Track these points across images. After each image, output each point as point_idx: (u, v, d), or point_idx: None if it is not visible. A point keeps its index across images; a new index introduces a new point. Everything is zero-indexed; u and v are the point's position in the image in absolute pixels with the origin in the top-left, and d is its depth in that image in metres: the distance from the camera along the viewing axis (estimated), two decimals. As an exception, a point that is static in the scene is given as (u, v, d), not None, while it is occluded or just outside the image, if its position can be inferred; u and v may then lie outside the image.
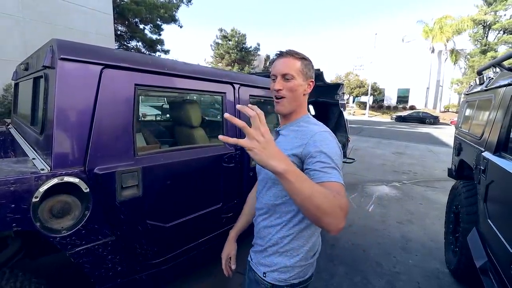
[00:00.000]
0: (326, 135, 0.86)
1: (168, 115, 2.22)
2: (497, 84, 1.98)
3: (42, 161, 1.19)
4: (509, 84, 1.74)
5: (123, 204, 1.28)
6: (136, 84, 1.34)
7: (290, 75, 0.90)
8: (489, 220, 1.67)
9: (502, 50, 26.16)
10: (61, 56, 1.14)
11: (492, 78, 2.23)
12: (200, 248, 1.73)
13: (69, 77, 1.15)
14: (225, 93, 1.86)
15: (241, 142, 0.65)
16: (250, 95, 2.06)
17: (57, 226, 1.15)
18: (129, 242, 1.36)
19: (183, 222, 1.58)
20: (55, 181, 1.10)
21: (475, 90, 2.68)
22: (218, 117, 1.97)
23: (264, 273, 0.94)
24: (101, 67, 1.23)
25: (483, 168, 1.82)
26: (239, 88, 1.96)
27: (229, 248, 1.18)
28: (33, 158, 1.23)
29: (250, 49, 32.92)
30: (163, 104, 4.20)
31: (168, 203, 1.51)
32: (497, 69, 2.29)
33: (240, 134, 1.95)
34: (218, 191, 1.80)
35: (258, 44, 33.11)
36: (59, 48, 1.15)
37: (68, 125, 1.15)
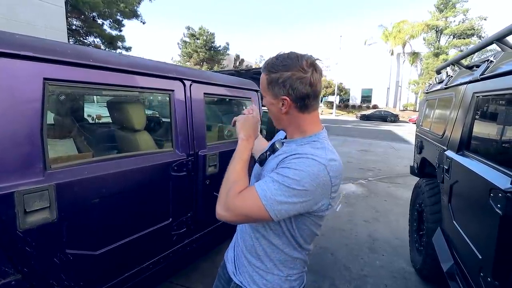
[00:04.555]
0: (306, 161, 0.69)
1: (109, 118, 1.91)
2: (457, 82, 1.96)
3: None
4: (470, 82, 1.71)
5: (28, 233, 0.99)
6: (45, 79, 1.05)
7: (262, 93, 0.84)
8: (454, 222, 1.62)
9: (452, 53, 28.53)
10: None
11: (452, 76, 2.23)
12: (145, 273, 1.47)
13: None
14: (173, 90, 1.61)
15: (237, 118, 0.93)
16: (204, 93, 1.83)
17: None
18: (42, 279, 1.07)
19: (120, 246, 1.31)
20: None
21: (434, 88, 2.70)
22: (167, 118, 1.72)
23: None
24: (-9, 55, 0.93)
25: (446, 167, 1.78)
26: (190, 85, 1.72)
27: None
28: None
29: (219, 49, 32.42)
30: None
31: (98, 225, 1.23)
32: (456, 68, 2.30)
33: (193, 138, 1.71)
34: (167, 205, 1.55)
35: (228, 44, 32.75)
36: None
37: None
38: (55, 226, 1.06)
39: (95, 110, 5.08)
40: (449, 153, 1.78)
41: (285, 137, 0.89)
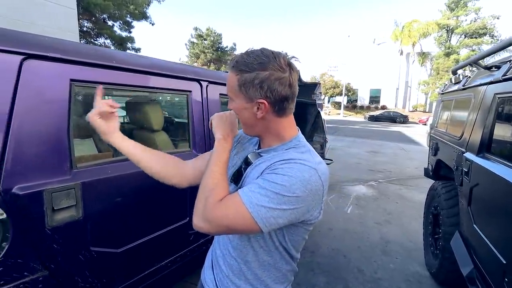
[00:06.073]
0: (295, 166, 0.63)
1: (128, 118, 1.95)
2: (477, 83, 1.92)
3: None
4: (491, 83, 1.67)
5: (56, 231, 1.01)
6: (72, 80, 1.07)
7: (229, 96, 0.73)
8: (475, 225, 1.59)
9: (463, 53, 28.01)
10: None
11: (470, 77, 2.19)
12: (161, 272, 1.49)
13: (-27, 69, 0.87)
14: (190, 91, 1.63)
15: (212, 117, 0.83)
16: (220, 94, 1.85)
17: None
18: (68, 276, 1.09)
19: (140, 244, 1.33)
20: (-47, 207, 0.82)
21: (451, 89, 2.66)
22: (184, 119, 1.73)
23: None
24: (22, 57, 0.95)
25: (466, 170, 1.74)
26: (207, 86, 1.73)
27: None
28: None
29: (226, 49, 32.58)
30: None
31: (120, 223, 1.25)
32: (474, 68, 2.26)
33: (210, 137, 1.73)
34: (184, 204, 1.57)
35: (234, 44, 32.88)
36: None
37: (-28, 133, 0.87)
38: (80, 224, 1.08)
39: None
40: (469, 155, 1.75)
41: (259, 146, 0.80)
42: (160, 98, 2.82)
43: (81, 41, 13.80)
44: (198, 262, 1.82)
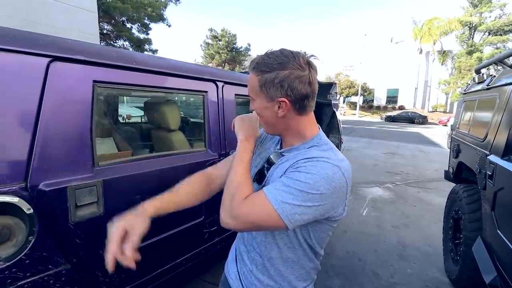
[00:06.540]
0: (318, 164, 0.65)
1: (146, 118, 2.00)
2: (502, 82, 1.84)
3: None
4: (517, 82, 1.60)
5: (78, 226, 1.06)
6: (94, 81, 1.11)
7: (250, 97, 0.76)
8: (499, 231, 1.52)
9: (487, 51, 26.79)
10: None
11: (494, 76, 2.09)
12: (176, 269, 1.51)
13: (3, 72, 0.92)
14: (206, 92, 1.65)
15: (234, 119, 0.89)
16: (235, 95, 1.86)
17: (-8, 256, 0.92)
18: (89, 270, 1.13)
19: (156, 241, 1.36)
20: (-15, 201, 0.87)
21: (474, 89, 2.55)
22: (200, 119, 1.76)
23: None
24: (49, 59, 1.00)
25: (489, 173, 1.67)
26: (223, 86, 1.75)
27: (134, 221, 0.71)
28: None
29: (240, 50, 32.71)
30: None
31: (138, 220, 1.29)
32: (499, 67, 2.16)
33: (224, 138, 1.75)
34: (200, 203, 1.59)
35: (249, 45, 32.92)
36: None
37: (3, 131, 0.92)
38: (101, 220, 1.12)
39: (125, 111, 5.34)
40: (493, 158, 1.67)
41: (281, 146, 0.82)
42: (176, 98, 2.88)
43: (101, 43, 14.29)
44: (213, 260, 1.85)
